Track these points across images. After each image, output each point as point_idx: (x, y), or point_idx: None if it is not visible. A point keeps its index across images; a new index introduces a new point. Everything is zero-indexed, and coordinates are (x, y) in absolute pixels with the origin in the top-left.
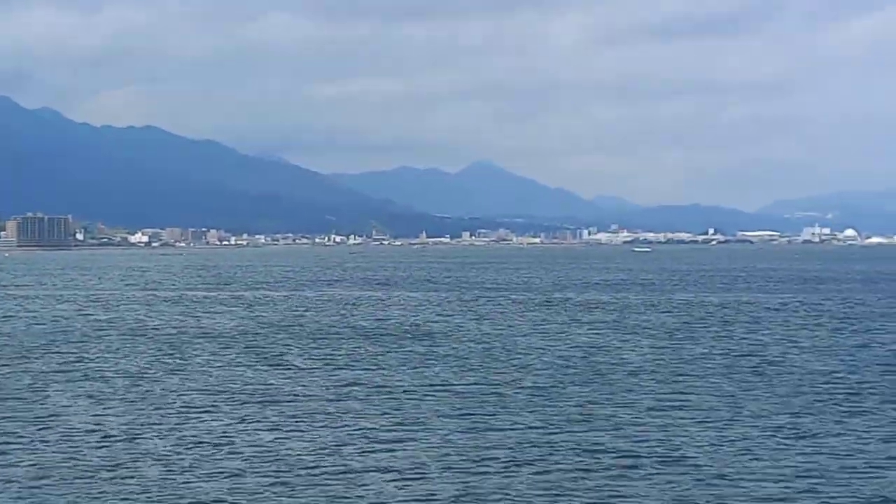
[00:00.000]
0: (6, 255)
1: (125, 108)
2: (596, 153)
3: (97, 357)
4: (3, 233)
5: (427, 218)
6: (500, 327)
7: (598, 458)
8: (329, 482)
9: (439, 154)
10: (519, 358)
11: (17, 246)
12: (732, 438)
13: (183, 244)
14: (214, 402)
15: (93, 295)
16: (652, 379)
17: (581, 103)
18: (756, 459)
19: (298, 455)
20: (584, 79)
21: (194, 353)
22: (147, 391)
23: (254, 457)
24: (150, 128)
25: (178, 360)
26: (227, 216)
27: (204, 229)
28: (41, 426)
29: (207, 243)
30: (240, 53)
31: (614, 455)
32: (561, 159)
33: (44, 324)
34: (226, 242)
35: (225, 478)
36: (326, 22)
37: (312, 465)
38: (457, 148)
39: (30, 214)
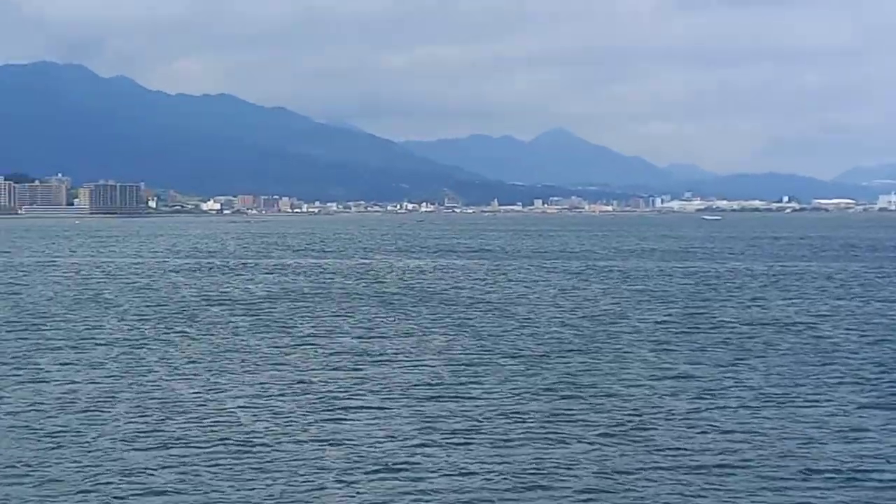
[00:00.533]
0: (76, 222)
1: (199, 76)
2: (670, 120)
3: (105, 325)
4: (76, 200)
5: (499, 185)
6: (526, 295)
7: (557, 427)
8: (268, 452)
9: (513, 122)
10: (527, 327)
11: (90, 213)
12: (702, 408)
13: (255, 211)
14: (196, 368)
15: (136, 262)
16: (653, 348)
17: (656, 70)
18: (715, 429)
19: (249, 424)
20: (658, 45)
21: (204, 320)
22: (136, 359)
23: (203, 426)
24: (224, 95)
25: (183, 328)
26: (300, 183)
27: (276, 197)
28: (15, 391)
29: (279, 210)
30: (313, 21)
31: (572, 424)
32: (635, 127)
33: (72, 291)
34: (297, 210)
35: (159, 447)
36: None
37: (258, 434)
38: (530, 115)
39: (102, 182)
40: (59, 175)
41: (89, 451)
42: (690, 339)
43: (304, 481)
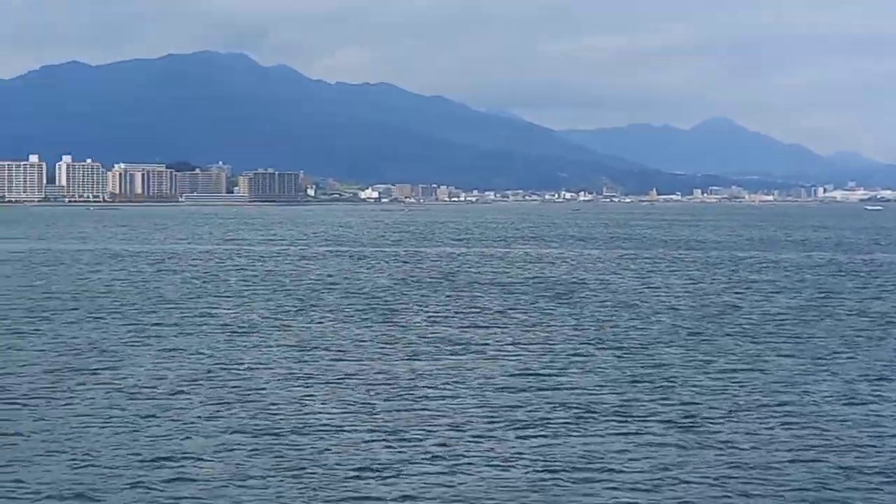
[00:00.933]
0: (233, 210)
1: (359, 65)
2: (834, 108)
3: (217, 311)
4: (236, 188)
5: (658, 175)
6: (646, 285)
7: (625, 419)
8: (323, 440)
9: (673, 111)
10: (636, 317)
11: (249, 201)
12: (783, 402)
13: (412, 200)
14: (287, 357)
15: (275, 250)
16: (755, 340)
17: (819, 57)
18: (789, 425)
19: (316, 412)
20: (821, 32)
21: (316, 308)
22: (233, 346)
23: (268, 414)
24: (383, 84)
25: (292, 316)
26: (458, 172)
27: (434, 185)
28: (101, 375)
29: (437, 199)
30: (473, 8)
31: (642, 416)
32: (797, 115)
33: (199, 279)
34: (455, 198)
35: (216, 434)
36: None
37: (320, 423)
38: (691, 104)
39: (261, 170)
40: (220, 163)
41: (147, 436)
42: (798, 331)
43: (351, 468)
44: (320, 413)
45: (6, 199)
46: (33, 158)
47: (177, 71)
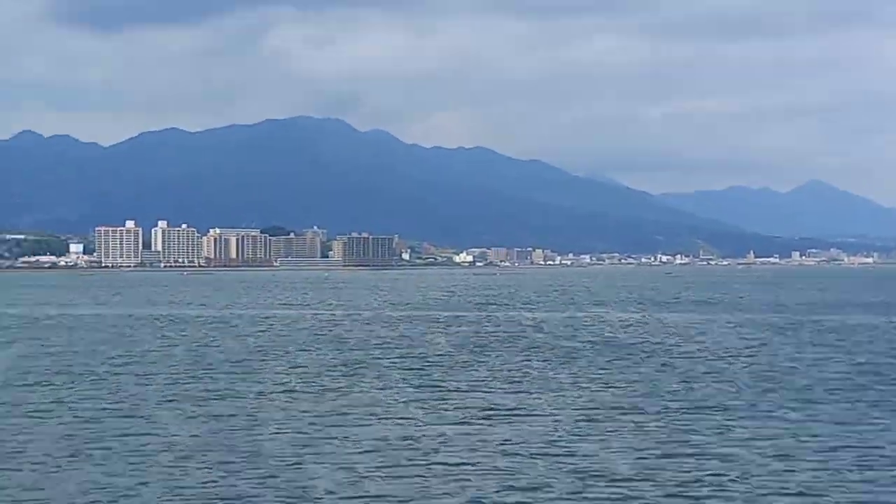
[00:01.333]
0: (326, 275)
1: (455, 129)
2: None
3: (261, 376)
4: (330, 253)
5: (756, 237)
6: (706, 349)
7: (623, 490)
8: None
9: (771, 174)
10: (683, 381)
11: (343, 266)
12: (799, 470)
13: (507, 263)
14: (307, 423)
15: (348, 314)
16: (798, 406)
17: None
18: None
19: (312, 481)
20: None
21: (364, 372)
22: (259, 411)
23: (265, 482)
24: (479, 148)
25: (335, 381)
26: (554, 236)
27: (529, 248)
28: (113, 443)
29: (532, 263)
30: (569, 75)
31: (641, 486)
32: None
33: (262, 343)
34: (550, 262)
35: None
36: (655, 42)
37: (312, 490)
38: (789, 167)
39: (355, 234)
40: (315, 227)
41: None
42: (843, 398)
43: None
44: (318, 481)
45: (102, 265)
46: (129, 224)
47: (273, 136)
